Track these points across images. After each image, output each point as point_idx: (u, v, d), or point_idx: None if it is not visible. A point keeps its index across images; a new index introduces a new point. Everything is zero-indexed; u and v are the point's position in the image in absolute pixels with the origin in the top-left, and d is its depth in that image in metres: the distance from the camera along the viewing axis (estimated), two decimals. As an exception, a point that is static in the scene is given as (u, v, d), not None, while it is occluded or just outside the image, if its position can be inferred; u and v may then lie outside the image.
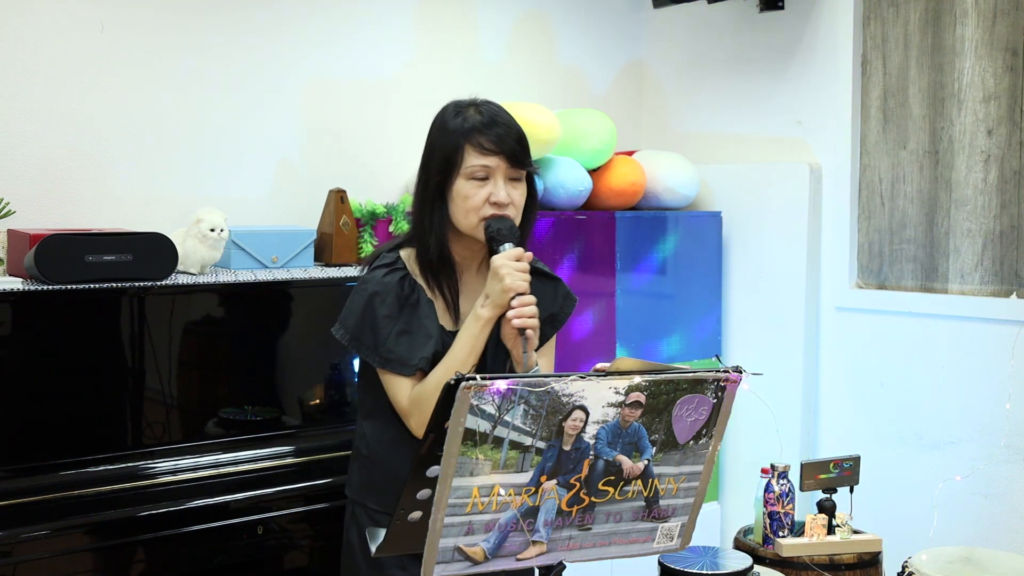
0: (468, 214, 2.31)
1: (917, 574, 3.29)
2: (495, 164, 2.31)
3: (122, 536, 2.95)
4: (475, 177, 2.31)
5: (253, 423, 3.41)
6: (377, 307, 2.33)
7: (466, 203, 2.31)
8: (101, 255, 3.05)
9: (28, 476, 2.98)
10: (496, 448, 1.69)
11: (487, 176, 2.31)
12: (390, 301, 2.34)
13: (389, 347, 2.32)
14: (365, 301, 2.34)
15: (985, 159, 4.02)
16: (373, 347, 2.33)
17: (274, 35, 3.88)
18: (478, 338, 2.30)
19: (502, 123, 2.35)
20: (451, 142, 2.32)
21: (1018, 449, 3.87)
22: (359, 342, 2.34)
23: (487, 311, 2.28)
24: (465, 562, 1.75)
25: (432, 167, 2.36)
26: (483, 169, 2.31)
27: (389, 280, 2.35)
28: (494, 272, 2.26)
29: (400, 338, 2.32)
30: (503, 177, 2.32)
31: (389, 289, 2.34)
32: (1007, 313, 3.90)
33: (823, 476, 3.56)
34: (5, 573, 2.78)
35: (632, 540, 1.90)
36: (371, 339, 2.33)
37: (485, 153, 2.31)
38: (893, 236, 4.29)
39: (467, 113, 2.35)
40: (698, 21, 4.78)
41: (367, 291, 2.35)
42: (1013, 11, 3.92)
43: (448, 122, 2.35)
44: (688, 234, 4.44)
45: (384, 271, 2.37)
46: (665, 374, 1.79)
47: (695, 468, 1.89)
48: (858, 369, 4.34)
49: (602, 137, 4.17)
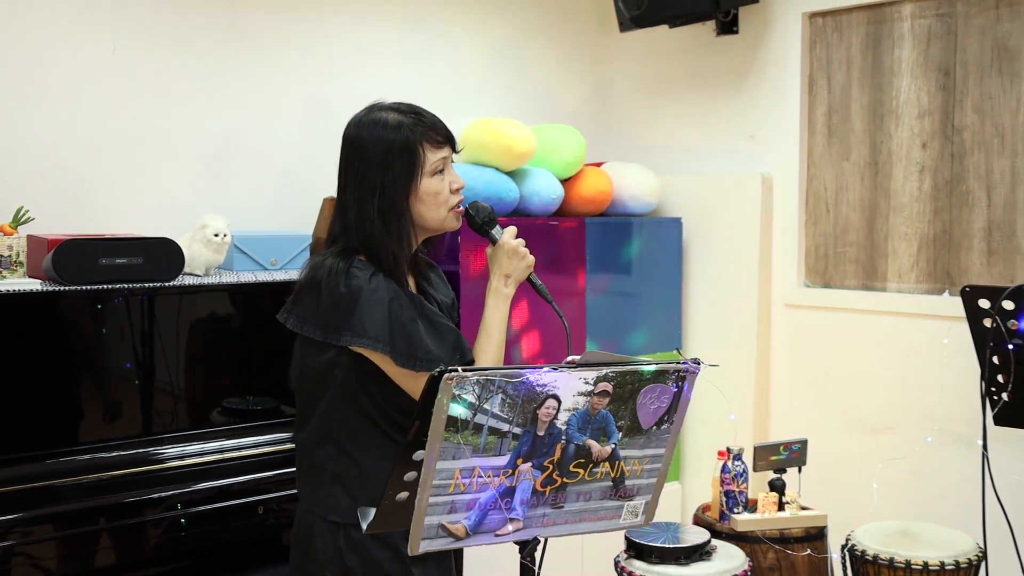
0: (439, 208, 2.22)
1: (859, 546, 3.30)
2: (447, 154, 2.24)
3: (134, 516, 2.94)
4: (437, 172, 2.21)
5: (254, 412, 3.39)
6: (399, 312, 2.11)
7: (436, 199, 2.20)
8: (113, 258, 3.03)
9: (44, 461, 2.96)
10: (476, 434, 1.69)
11: (443, 168, 2.23)
12: (404, 303, 2.13)
13: (426, 348, 2.12)
14: (386, 309, 2.10)
15: (920, 170, 4.04)
16: (410, 353, 2.11)
17: (275, 58, 3.87)
18: (506, 316, 2.26)
19: (431, 114, 2.25)
20: (407, 146, 2.17)
21: (949, 432, 3.89)
22: (395, 350, 2.09)
23: (511, 289, 2.25)
24: (448, 538, 1.75)
25: (393, 176, 2.17)
26: (441, 162, 2.22)
27: (392, 286, 2.14)
28: (512, 252, 2.24)
29: (429, 338, 2.15)
30: (450, 163, 2.26)
31: (395, 292, 2.13)
32: (940, 309, 3.92)
33: (774, 458, 3.58)
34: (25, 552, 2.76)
35: (600, 517, 1.90)
36: (405, 346, 2.10)
37: (439, 146, 2.22)
38: (837, 240, 4.30)
39: (391, 117, 2.20)
40: (660, 44, 4.78)
41: (383, 299, 2.11)
42: (945, 35, 3.94)
43: (389, 130, 2.18)
44: (651, 238, 4.44)
45: (380, 277, 2.14)
46: (630, 366, 1.79)
47: (658, 451, 1.89)
48: (805, 360, 4.35)
49: (573, 150, 4.17)
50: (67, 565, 2.87)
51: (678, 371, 1.84)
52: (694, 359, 1.86)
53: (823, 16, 4.30)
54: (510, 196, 3.91)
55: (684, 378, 1.85)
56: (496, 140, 3.83)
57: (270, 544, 3.27)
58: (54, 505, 2.82)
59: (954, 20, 3.92)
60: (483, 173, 3.85)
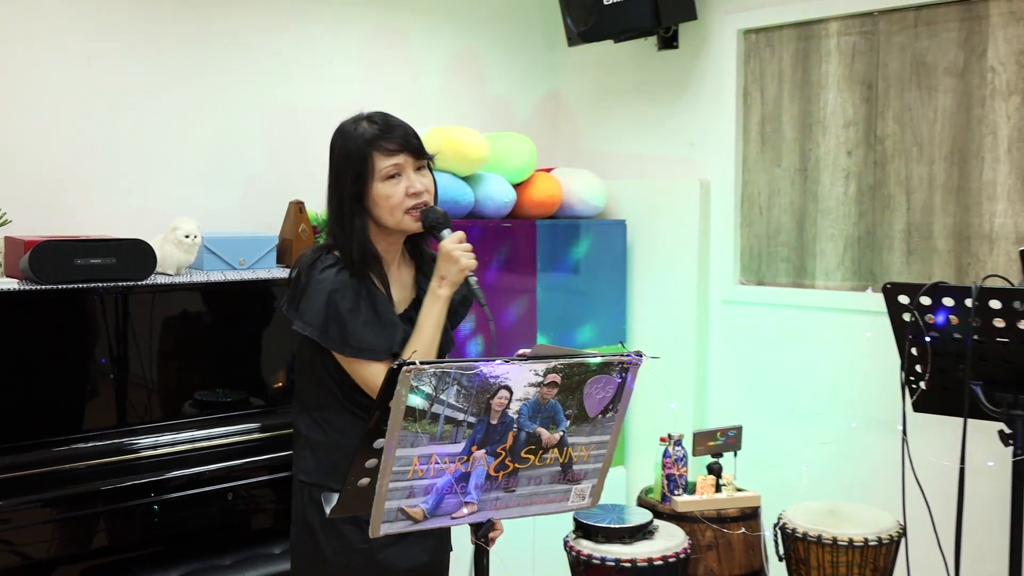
0: (393, 211, 2.24)
1: (790, 524, 3.34)
2: (402, 160, 2.24)
3: (109, 503, 2.91)
4: (389, 177, 2.23)
5: (224, 404, 3.37)
6: (339, 302, 2.19)
7: (388, 202, 2.23)
8: (88, 259, 2.99)
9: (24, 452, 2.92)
10: (433, 423, 1.68)
11: (398, 173, 2.24)
12: (349, 296, 2.21)
13: (359, 337, 2.19)
14: (326, 298, 2.20)
15: (846, 176, 4.08)
16: (341, 339, 2.19)
17: (243, 69, 3.83)
18: (441, 315, 2.24)
19: (396, 124, 2.28)
20: (358, 154, 2.24)
21: (872, 419, 3.93)
22: (326, 335, 2.19)
23: (445, 290, 2.22)
24: (407, 521, 1.74)
25: (345, 181, 2.25)
26: (394, 167, 2.23)
27: (342, 278, 2.23)
28: (447, 256, 2.21)
29: (366, 328, 2.20)
30: (411, 169, 2.26)
31: (345, 285, 2.21)
32: (863, 305, 3.95)
33: (711, 443, 3.60)
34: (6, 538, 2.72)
35: (550, 500, 1.90)
36: (338, 332, 2.19)
37: (391, 154, 2.23)
38: (770, 240, 4.34)
39: (361, 127, 2.26)
40: (606, 58, 4.79)
41: (325, 289, 2.20)
42: (868, 51, 3.98)
43: (348, 139, 2.27)
44: (598, 239, 4.46)
45: (335, 270, 2.24)
46: (577, 358, 1.80)
47: (603, 438, 1.90)
48: (741, 352, 4.38)
49: (524, 156, 4.17)
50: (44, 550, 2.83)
51: (622, 363, 1.84)
52: (637, 352, 1.86)
53: (757, 33, 4.33)
54: (465, 200, 3.90)
55: (628, 370, 1.86)
56: (452, 147, 3.83)
57: (239, 529, 3.25)
58: (32, 493, 2.79)
59: (876, 37, 3.96)
60: (440, 178, 3.79)
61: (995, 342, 2.42)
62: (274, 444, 3.29)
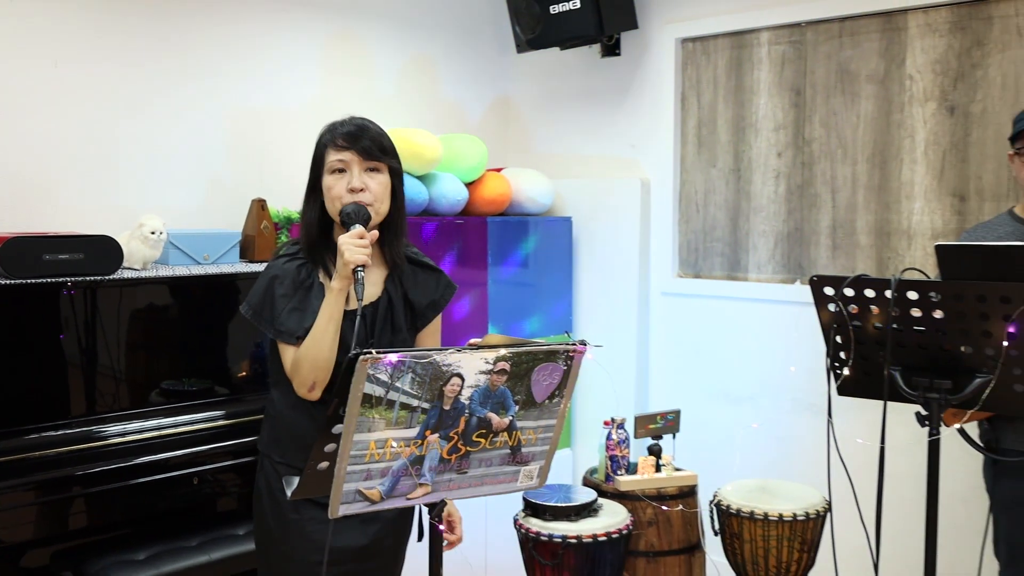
0: (334, 202, 2.24)
1: (724, 501, 3.37)
2: (349, 158, 2.23)
3: (79, 488, 2.87)
4: (335, 170, 2.24)
5: (190, 392, 3.33)
6: (276, 288, 2.25)
7: (330, 193, 2.24)
8: (57, 254, 2.95)
9: (-5, 440, 2.87)
10: (389, 409, 1.69)
11: (344, 169, 2.24)
12: (287, 283, 2.25)
13: (281, 320, 2.22)
14: (267, 283, 2.26)
15: (776, 176, 4.13)
16: (270, 321, 2.24)
17: (207, 71, 3.79)
18: (333, 307, 2.19)
19: (357, 125, 2.27)
20: (318, 148, 2.29)
21: (800, 402, 3.99)
22: (259, 316, 2.25)
23: (336, 283, 2.18)
24: (364, 502, 1.74)
25: (310, 172, 2.31)
26: (339, 163, 2.24)
27: (288, 266, 2.27)
28: (339, 250, 2.16)
29: (292, 314, 2.23)
30: (359, 168, 2.24)
31: (288, 273, 2.26)
32: (792, 296, 4.00)
33: (652, 426, 3.62)
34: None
35: (500, 481, 1.91)
36: (269, 314, 2.24)
37: (340, 149, 2.24)
38: (706, 236, 4.38)
39: (335, 125, 2.29)
40: (553, 64, 4.80)
41: (269, 275, 2.27)
42: (796, 60, 4.03)
43: (320, 135, 2.31)
44: (545, 235, 4.47)
45: (285, 259, 2.29)
46: (525, 347, 1.80)
47: (550, 422, 1.91)
48: (679, 341, 4.42)
49: (476, 157, 4.17)
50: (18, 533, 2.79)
51: (568, 351, 1.85)
52: (582, 340, 1.87)
53: (693, 41, 4.36)
54: (420, 198, 3.90)
55: (573, 357, 1.86)
56: (407, 147, 3.82)
57: (204, 511, 3.22)
58: (4, 480, 2.74)
59: (804, 47, 4.01)
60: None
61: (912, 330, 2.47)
62: (238, 430, 3.26)
